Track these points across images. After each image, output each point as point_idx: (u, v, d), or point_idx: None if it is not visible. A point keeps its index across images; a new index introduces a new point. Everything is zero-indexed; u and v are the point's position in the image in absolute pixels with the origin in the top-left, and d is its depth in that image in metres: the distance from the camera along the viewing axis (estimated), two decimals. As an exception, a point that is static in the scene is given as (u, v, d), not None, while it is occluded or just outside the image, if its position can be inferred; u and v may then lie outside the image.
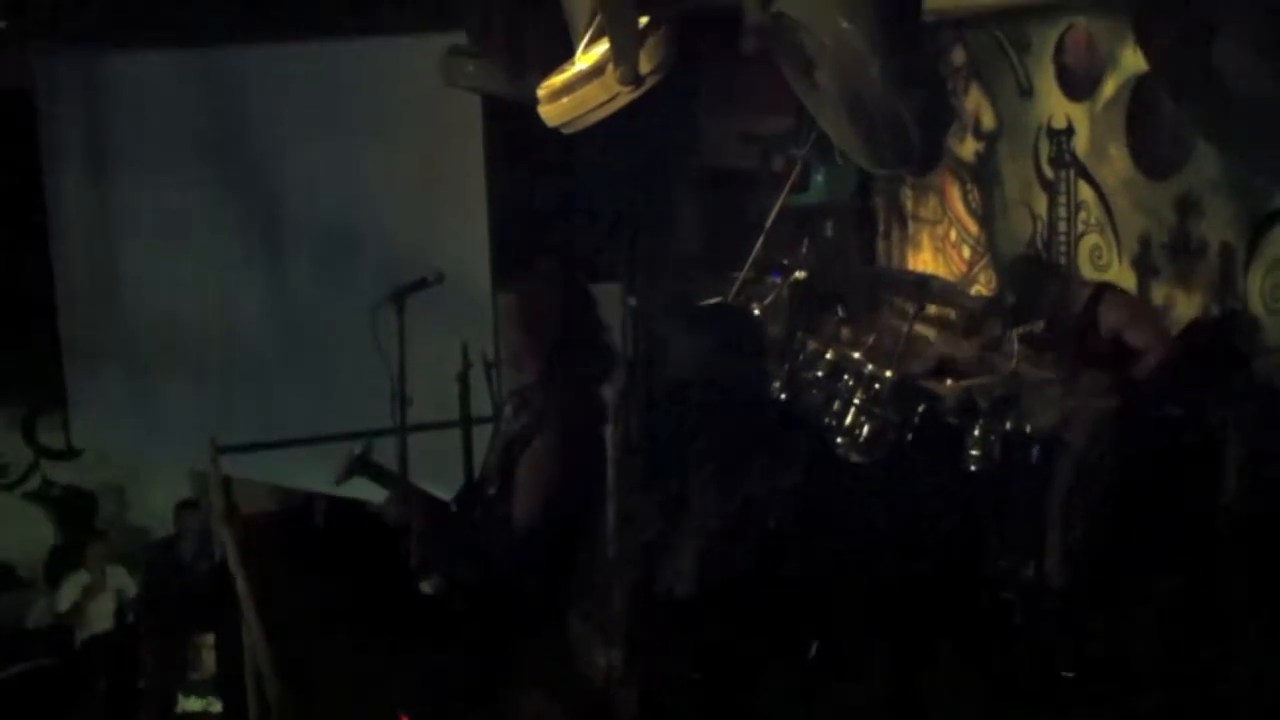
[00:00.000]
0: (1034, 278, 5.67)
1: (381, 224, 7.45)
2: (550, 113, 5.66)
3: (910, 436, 5.46)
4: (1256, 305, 5.38)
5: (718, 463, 4.63)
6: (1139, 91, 5.89)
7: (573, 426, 4.15)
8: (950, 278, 7.21)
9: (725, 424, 4.61)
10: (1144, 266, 5.99)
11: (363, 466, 4.33)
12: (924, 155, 4.56)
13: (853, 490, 5.47)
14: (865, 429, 5.54)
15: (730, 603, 4.62)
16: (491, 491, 4.34)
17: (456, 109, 6.87)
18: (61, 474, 9.86)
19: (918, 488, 5.48)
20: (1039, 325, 5.89)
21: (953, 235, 7.37)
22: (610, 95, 5.23)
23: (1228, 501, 4.92)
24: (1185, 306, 5.76)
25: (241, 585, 4.26)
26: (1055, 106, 6.46)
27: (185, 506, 9.18)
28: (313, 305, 7.83)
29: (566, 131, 5.72)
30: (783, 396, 5.96)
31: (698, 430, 4.66)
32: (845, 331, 6.45)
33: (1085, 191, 6.33)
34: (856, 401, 5.60)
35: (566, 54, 5.56)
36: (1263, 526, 4.78)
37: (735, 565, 4.57)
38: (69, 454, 9.70)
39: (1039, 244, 6.67)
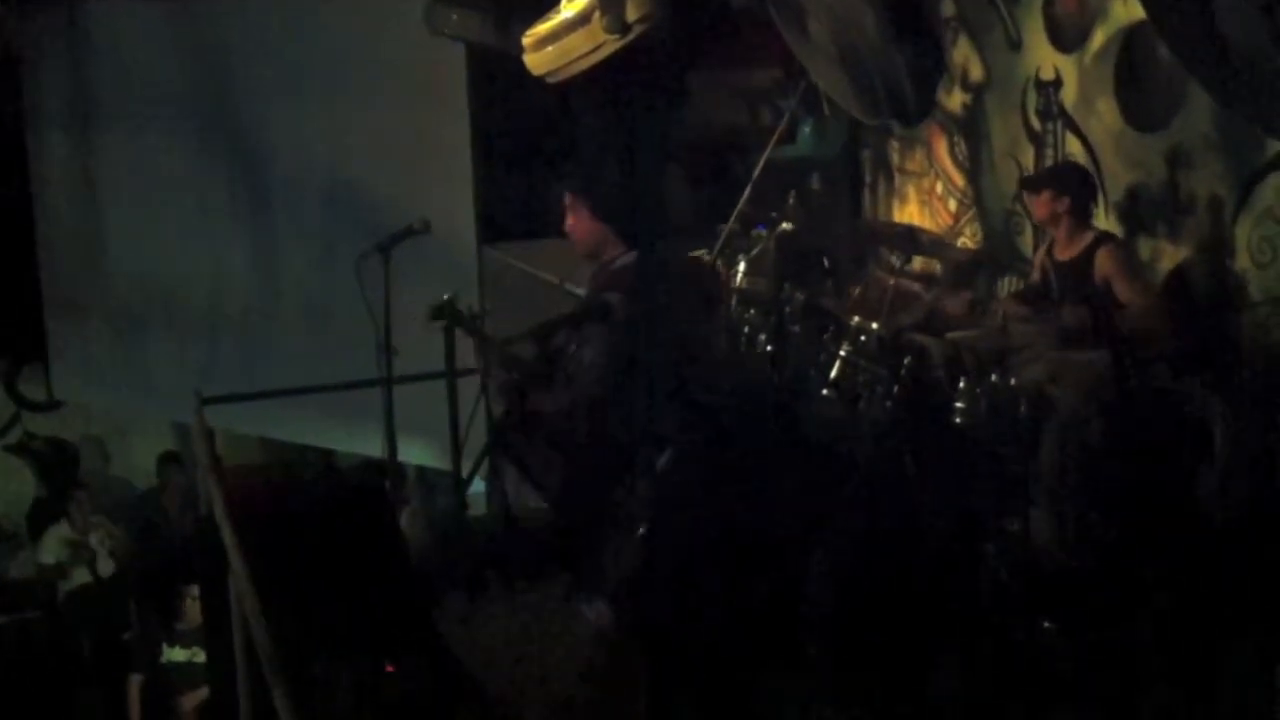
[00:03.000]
0: None
1: (366, 175, 7.40)
2: (535, 61, 5.64)
3: (896, 390, 5.46)
4: (1244, 258, 5.38)
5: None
6: (1128, 44, 5.86)
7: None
8: (936, 230, 7.19)
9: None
10: (1132, 219, 5.98)
11: (450, 313, 4.84)
12: (917, 106, 4.56)
13: (836, 442, 5.48)
14: (851, 382, 5.54)
15: (718, 557, 4.63)
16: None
17: (441, 57, 6.82)
18: (43, 426, 9.83)
19: (904, 441, 5.49)
20: (1031, 282, 5.91)
21: (939, 188, 7.35)
22: (596, 44, 5.21)
23: (1216, 458, 4.93)
24: (1173, 260, 5.76)
25: (228, 536, 4.23)
26: (1044, 58, 6.42)
27: (168, 459, 9.16)
28: (297, 256, 7.79)
29: (552, 80, 5.69)
30: (769, 348, 5.96)
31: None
32: (831, 284, 6.43)
33: (1073, 144, 6.30)
34: (842, 354, 5.60)
35: (552, 2, 5.52)
36: (1252, 482, 4.79)
37: (722, 520, 4.58)
38: (50, 406, 9.66)
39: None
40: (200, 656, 6.60)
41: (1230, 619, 4.39)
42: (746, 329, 6.09)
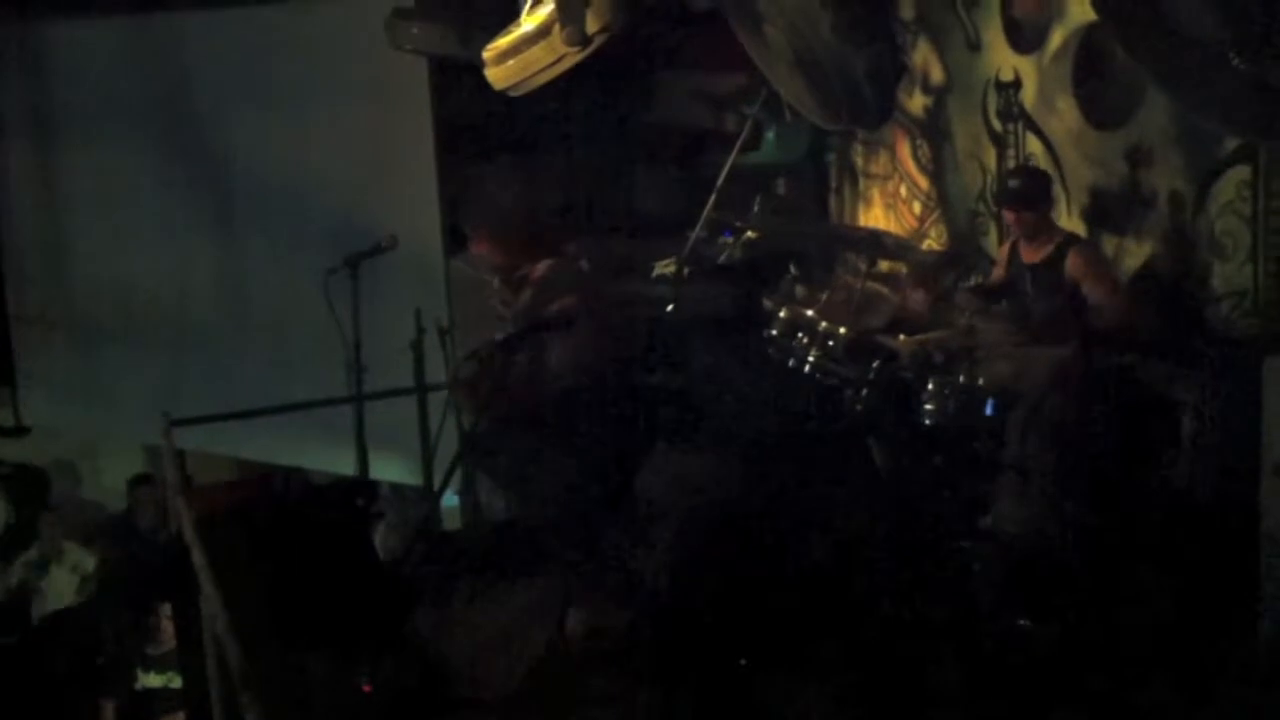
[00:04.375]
0: None
1: (332, 190, 7.40)
2: (497, 75, 5.64)
3: (865, 392, 5.49)
4: (1207, 253, 5.42)
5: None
6: (1086, 43, 5.89)
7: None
8: (901, 233, 7.22)
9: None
10: (1094, 217, 6.01)
11: None
12: (876, 110, 4.59)
13: (810, 445, 5.50)
14: (821, 385, 5.56)
15: (690, 560, 4.64)
16: None
17: (404, 71, 6.82)
18: (12, 451, 9.73)
19: (875, 442, 5.51)
20: (994, 277, 5.94)
21: (903, 191, 7.38)
22: (557, 57, 5.22)
23: (1183, 452, 4.97)
24: (1135, 256, 5.80)
25: (198, 558, 4.22)
26: (1003, 60, 6.46)
27: (139, 481, 9.10)
28: (265, 273, 7.77)
29: (514, 94, 5.70)
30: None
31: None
32: (799, 289, 6.45)
33: (1034, 144, 6.34)
34: (811, 358, 5.61)
35: (513, 15, 5.53)
36: (1217, 479, 4.83)
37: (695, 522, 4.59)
38: (19, 431, 9.57)
39: (989, 197, 6.69)
40: (177, 682, 6.56)
41: (1201, 601, 4.43)
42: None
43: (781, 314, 5.83)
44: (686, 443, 4.92)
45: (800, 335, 5.71)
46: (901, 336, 5.87)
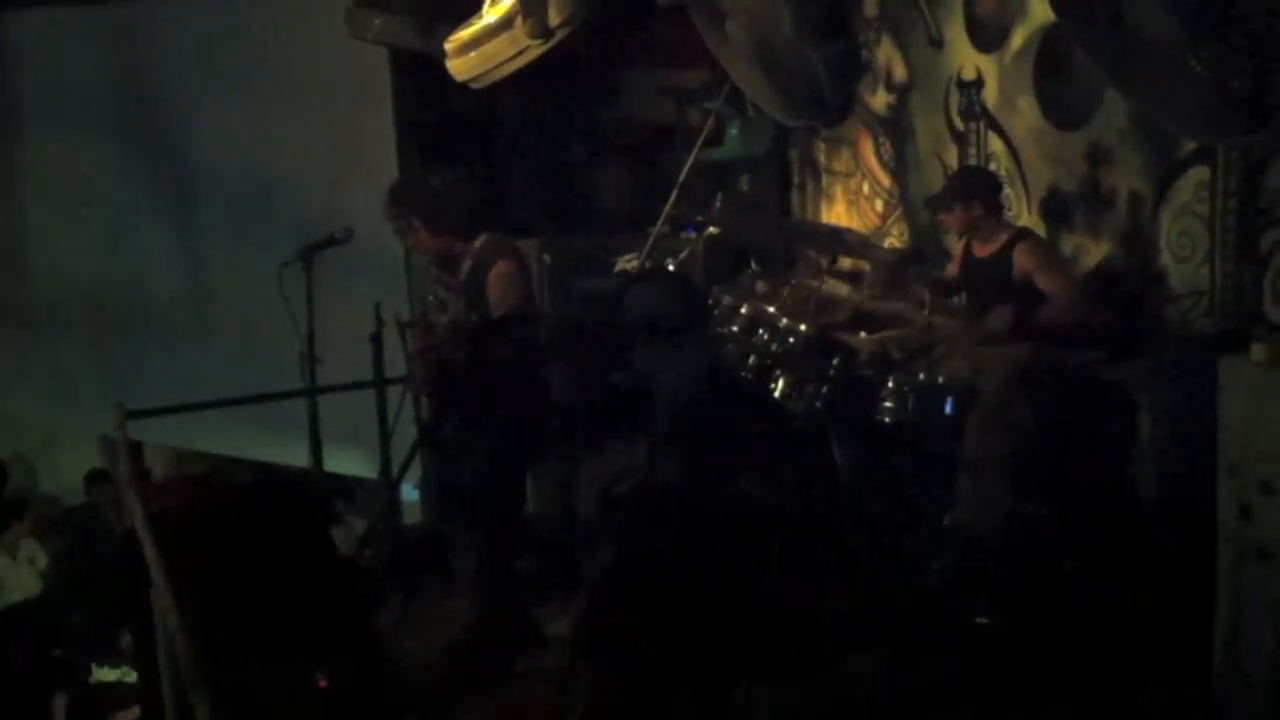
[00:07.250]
0: None
1: (292, 181, 7.36)
2: (458, 67, 5.63)
3: (825, 389, 5.49)
4: (1165, 253, 5.45)
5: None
6: (1047, 42, 5.91)
7: None
8: (863, 230, 7.22)
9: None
10: (1053, 216, 6.04)
11: None
12: (836, 106, 4.60)
13: (768, 442, 5.51)
14: (781, 382, 5.56)
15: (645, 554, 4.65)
16: None
17: (365, 63, 6.79)
18: (-35, 445, 9.64)
19: (834, 439, 5.52)
20: (948, 273, 5.96)
21: (865, 188, 7.39)
22: (519, 49, 5.22)
23: (1139, 449, 4.99)
24: (1095, 256, 5.82)
25: (149, 551, 4.18)
26: (965, 58, 6.47)
27: (96, 479, 9.03)
28: (222, 265, 7.73)
29: (475, 86, 5.69)
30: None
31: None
32: (760, 285, 6.45)
33: (995, 143, 6.35)
34: (771, 355, 5.61)
35: (475, 7, 5.52)
36: (1173, 473, 4.85)
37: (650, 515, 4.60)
38: (-26, 423, 9.48)
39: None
40: (131, 677, 6.50)
41: (1159, 596, 4.45)
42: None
43: (742, 310, 5.82)
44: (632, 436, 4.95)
45: (760, 331, 5.71)
46: (862, 334, 5.88)
